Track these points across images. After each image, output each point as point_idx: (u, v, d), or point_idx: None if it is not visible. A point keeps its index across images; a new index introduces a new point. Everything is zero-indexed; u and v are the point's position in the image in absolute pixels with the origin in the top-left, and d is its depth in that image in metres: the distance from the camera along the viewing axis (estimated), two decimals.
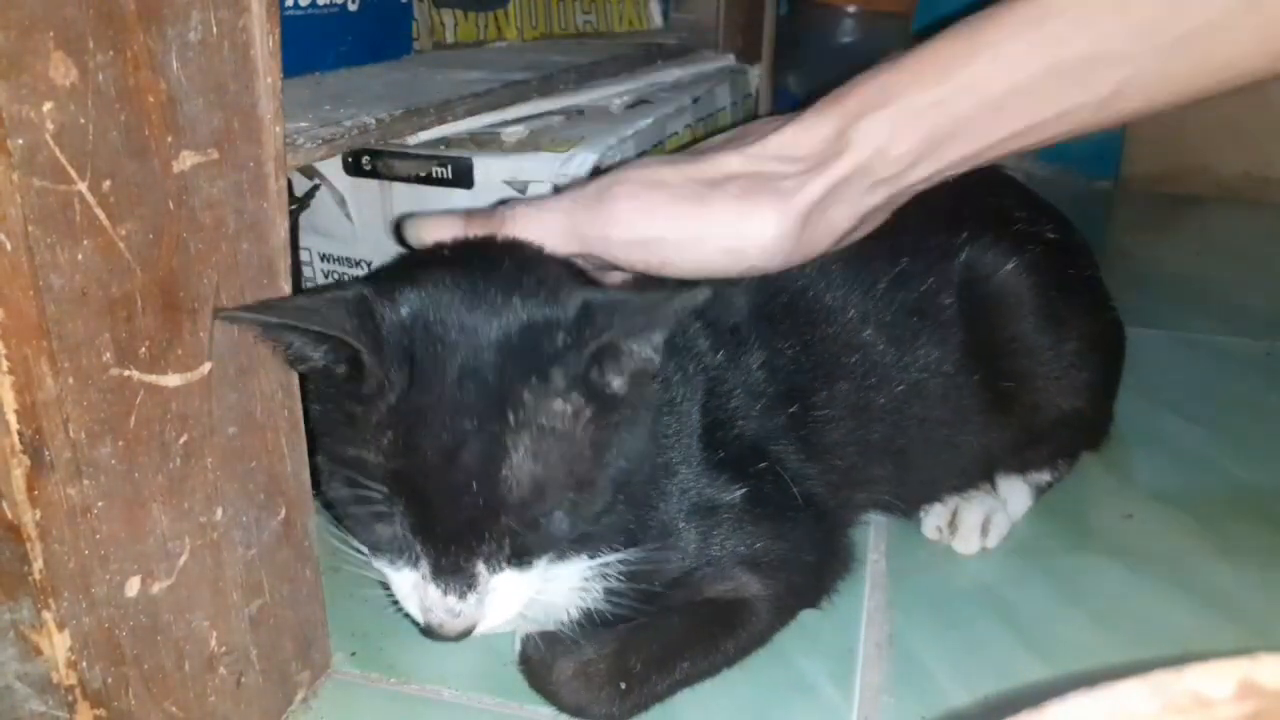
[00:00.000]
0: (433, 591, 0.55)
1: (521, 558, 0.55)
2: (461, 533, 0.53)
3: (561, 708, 0.62)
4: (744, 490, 0.65)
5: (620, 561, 0.62)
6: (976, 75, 0.54)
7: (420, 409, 0.51)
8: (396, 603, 0.74)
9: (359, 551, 0.59)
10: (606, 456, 0.55)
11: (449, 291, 0.53)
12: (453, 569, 0.54)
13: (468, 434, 0.51)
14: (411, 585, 0.56)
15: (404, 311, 0.53)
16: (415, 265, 0.57)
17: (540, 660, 0.63)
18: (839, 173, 0.57)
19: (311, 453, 0.59)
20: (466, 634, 0.56)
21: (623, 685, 0.61)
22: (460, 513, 0.52)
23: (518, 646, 0.66)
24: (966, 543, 0.80)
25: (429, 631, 0.56)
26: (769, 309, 0.71)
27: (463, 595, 0.54)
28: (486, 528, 0.53)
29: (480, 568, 0.54)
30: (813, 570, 0.69)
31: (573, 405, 0.53)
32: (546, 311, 0.53)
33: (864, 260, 0.72)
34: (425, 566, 0.55)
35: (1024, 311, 0.75)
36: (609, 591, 0.63)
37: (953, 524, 0.81)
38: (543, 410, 0.52)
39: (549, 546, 0.56)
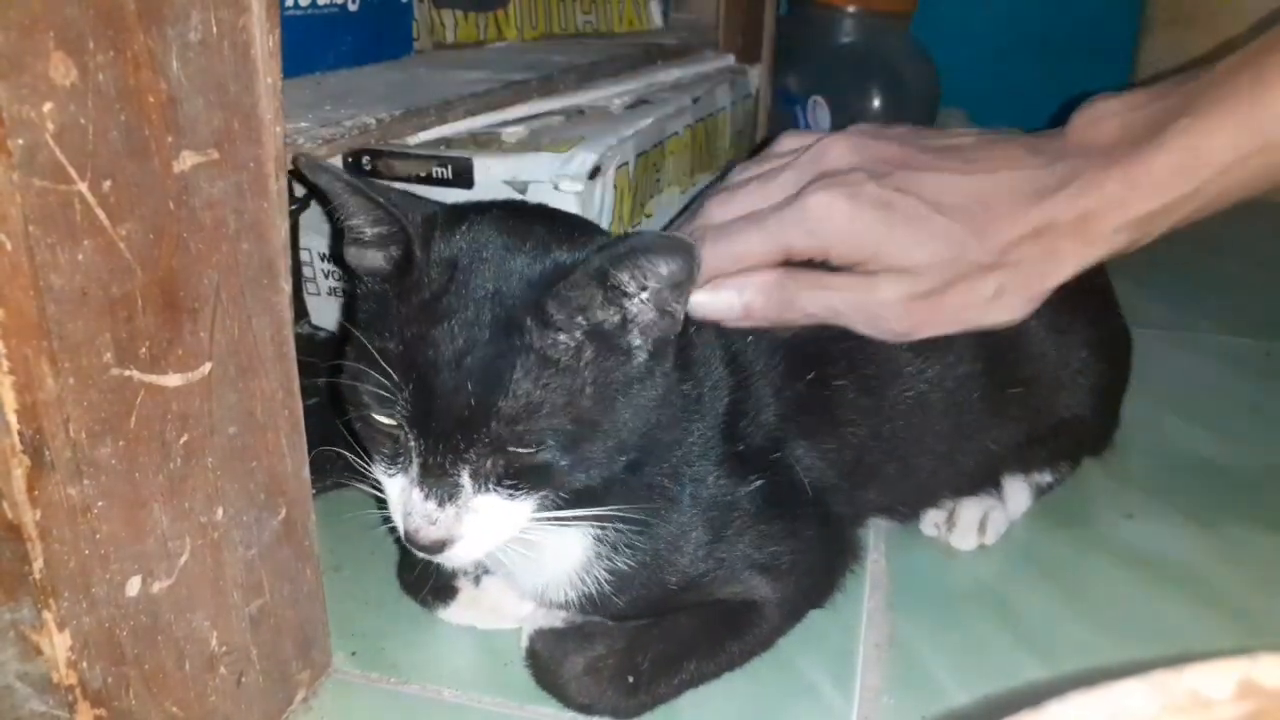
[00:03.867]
0: (416, 495, 0.55)
1: (510, 483, 0.55)
2: (452, 433, 0.54)
3: (569, 704, 0.62)
4: (759, 486, 0.65)
5: (627, 545, 0.62)
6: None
7: (446, 311, 0.54)
8: (397, 600, 0.74)
9: (366, 478, 0.60)
10: (614, 405, 0.56)
11: (501, 226, 0.58)
12: (439, 472, 0.55)
13: (479, 343, 0.54)
14: (399, 490, 0.57)
15: (458, 230, 0.58)
16: (484, 206, 0.63)
17: (549, 656, 0.63)
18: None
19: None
20: (441, 548, 0.55)
21: (631, 680, 0.61)
22: (455, 409, 0.53)
23: (524, 642, 0.66)
24: (964, 539, 0.80)
25: (408, 539, 0.56)
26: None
27: (442, 503, 0.55)
28: (476, 431, 0.53)
29: (465, 480, 0.55)
30: (822, 571, 0.70)
31: (574, 340, 0.55)
32: (567, 251, 0.57)
33: None
34: (415, 469, 0.55)
35: (1035, 321, 0.75)
36: (614, 574, 0.63)
37: (950, 520, 0.81)
38: (545, 339, 0.54)
39: (540, 479, 0.56)
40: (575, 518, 0.58)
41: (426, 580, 0.71)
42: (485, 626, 0.71)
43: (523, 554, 0.62)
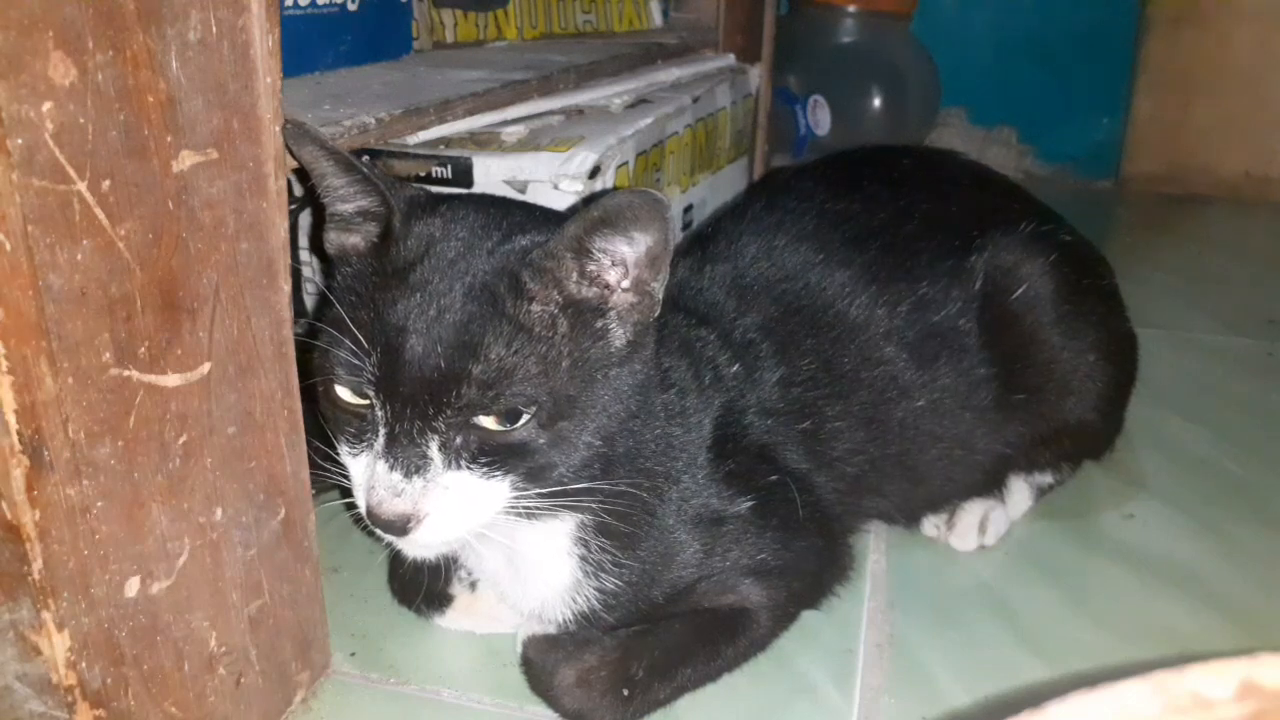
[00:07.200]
0: (380, 466, 0.53)
1: (485, 460, 0.53)
2: (420, 397, 0.52)
3: (563, 714, 0.62)
4: (751, 503, 0.65)
5: (614, 564, 0.62)
6: None
7: (421, 280, 0.55)
8: (395, 602, 0.74)
9: (336, 470, 0.58)
10: (592, 384, 0.55)
11: (479, 209, 0.60)
12: (406, 441, 0.53)
13: (451, 309, 0.54)
14: (364, 467, 0.55)
15: (438, 211, 0.59)
16: (465, 195, 0.66)
17: (541, 665, 0.63)
18: None
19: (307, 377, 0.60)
20: (405, 525, 0.53)
21: (625, 692, 0.61)
22: (425, 373, 0.52)
23: (519, 649, 0.66)
24: (964, 540, 0.80)
25: (370, 515, 0.54)
26: (786, 324, 0.71)
27: (409, 474, 0.53)
28: (446, 396, 0.52)
29: (435, 452, 0.53)
30: (814, 576, 0.70)
31: (548, 311, 0.54)
32: (543, 232, 0.57)
33: (881, 277, 0.74)
34: (380, 441, 0.53)
35: (1045, 324, 0.75)
36: (604, 593, 0.63)
37: (950, 522, 0.81)
38: (519, 308, 0.54)
39: (516, 459, 0.54)
40: (553, 501, 0.56)
41: (419, 588, 0.71)
42: (482, 631, 0.71)
43: (504, 562, 0.62)
